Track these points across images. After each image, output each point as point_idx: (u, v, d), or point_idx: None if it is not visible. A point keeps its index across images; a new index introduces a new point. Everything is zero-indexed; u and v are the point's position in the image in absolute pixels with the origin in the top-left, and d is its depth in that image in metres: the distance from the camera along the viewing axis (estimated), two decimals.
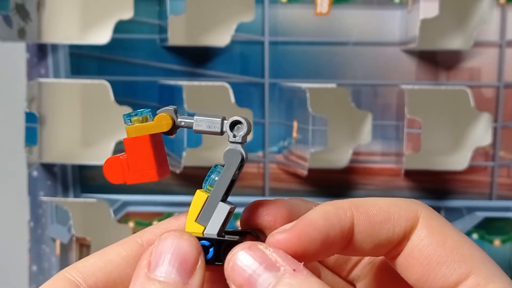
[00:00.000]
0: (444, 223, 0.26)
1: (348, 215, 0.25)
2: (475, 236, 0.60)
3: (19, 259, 0.64)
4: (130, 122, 0.27)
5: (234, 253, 0.24)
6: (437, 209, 0.57)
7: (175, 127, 0.27)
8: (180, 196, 0.60)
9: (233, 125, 0.26)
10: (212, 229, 0.26)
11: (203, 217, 0.26)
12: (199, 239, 0.26)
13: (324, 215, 0.25)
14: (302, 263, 0.24)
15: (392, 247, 0.26)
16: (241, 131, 0.26)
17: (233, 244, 0.25)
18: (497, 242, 0.60)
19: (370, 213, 0.26)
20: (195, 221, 0.26)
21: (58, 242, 0.62)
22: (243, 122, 0.26)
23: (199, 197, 0.26)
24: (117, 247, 0.27)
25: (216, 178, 0.26)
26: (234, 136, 0.26)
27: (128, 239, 0.27)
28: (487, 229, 0.60)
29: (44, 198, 0.61)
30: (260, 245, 0.24)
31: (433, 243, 0.25)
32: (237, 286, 0.24)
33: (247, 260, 0.24)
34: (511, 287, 0.25)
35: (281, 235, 0.24)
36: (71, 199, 0.61)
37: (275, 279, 0.23)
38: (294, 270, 0.23)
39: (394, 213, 0.26)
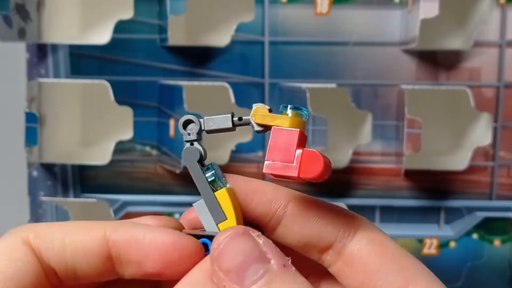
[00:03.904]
0: (384, 236, 0.26)
1: (287, 196, 0.26)
2: (475, 236, 0.60)
3: None
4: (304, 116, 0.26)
5: (226, 236, 0.24)
6: (437, 209, 0.57)
7: None
8: (180, 196, 0.60)
9: (186, 124, 0.27)
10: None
11: (216, 214, 0.26)
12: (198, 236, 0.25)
13: (264, 183, 0.26)
14: (289, 258, 0.24)
15: (323, 246, 0.26)
16: (194, 129, 0.27)
17: None
18: (497, 242, 0.60)
19: (309, 204, 0.26)
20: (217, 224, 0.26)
21: None
22: (195, 121, 0.27)
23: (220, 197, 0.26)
24: (82, 232, 0.25)
25: (208, 175, 0.27)
26: (189, 134, 0.27)
27: (96, 227, 0.25)
28: (487, 229, 0.60)
29: (44, 198, 0.61)
30: (252, 232, 0.24)
31: (373, 252, 0.25)
32: (223, 271, 0.23)
33: (239, 246, 0.23)
34: None
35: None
36: (71, 199, 0.61)
37: (265, 272, 0.23)
38: (284, 265, 0.23)
39: (333, 215, 0.26)
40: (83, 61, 0.60)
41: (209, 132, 0.27)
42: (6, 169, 0.67)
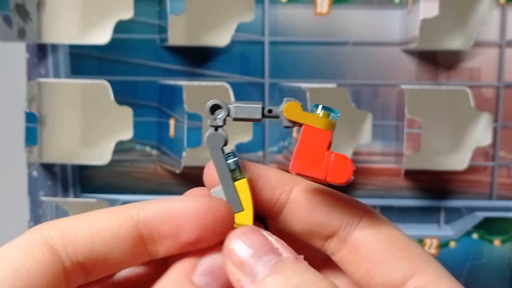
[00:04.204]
0: (390, 225, 0.26)
1: (291, 182, 0.26)
2: (475, 236, 0.60)
3: None
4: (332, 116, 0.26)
5: (238, 231, 0.24)
6: (437, 209, 0.57)
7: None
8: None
9: (214, 108, 0.26)
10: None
11: (233, 204, 0.26)
12: None
13: (268, 169, 0.26)
14: (302, 256, 0.24)
15: (327, 234, 0.26)
16: (221, 113, 0.26)
17: None
18: (497, 242, 0.60)
19: (314, 191, 0.26)
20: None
21: None
22: (223, 106, 0.26)
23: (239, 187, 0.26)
24: (108, 218, 0.24)
25: (230, 163, 0.26)
26: (215, 119, 0.26)
27: (121, 211, 0.24)
28: (487, 229, 0.60)
29: (44, 198, 0.61)
30: (263, 231, 0.24)
31: (379, 241, 0.25)
32: (235, 264, 0.23)
33: (251, 241, 0.23)
34: (457, 286, 0.24)
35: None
36: (71, 199, 0.61)
37: (278, 262, 0.23)
38: (296, 258, 0.23)
39: (338, 203, 0.26)
40: (83, 61, 0.60)
41: (235, 119, 0.26)
42: (6, 169, 0.67)
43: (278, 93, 0.60)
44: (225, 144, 0.26)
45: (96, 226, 0.24)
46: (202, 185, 0.27)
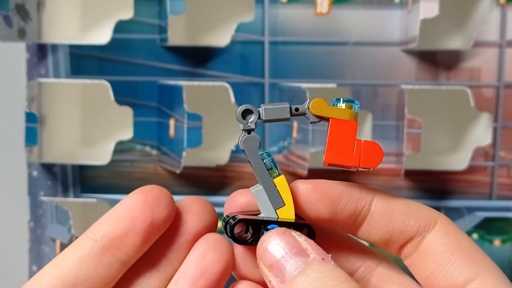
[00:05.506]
0: (460, 231, 0.27)
1: (370, 193, 0.27)
2: (475, 236, 0.60)
3: (19, 259, 0.64)
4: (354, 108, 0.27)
5: (269, 235, 0.25)
6: (437, 209, 0.57)
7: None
8: (180, 196, 0.60)
9: (245, 113, 0.27)
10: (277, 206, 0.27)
11: (275, 201, 0.27)
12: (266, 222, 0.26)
13: (347, 184, 0.27)
14: (330, 254, 0.25)
15: (404, 241, 0.27)
16: (252, 117, 0.27)
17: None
18: (497, 242, 0.60)
19: (391, 200, 0.27)
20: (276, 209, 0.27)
21: (58, 242, 0.62)
22: (254, 110, 0.27)
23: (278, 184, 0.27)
24: (69, 250, 0.27)
25: (266, 162, 0.27)
26: (248, 123, 0.27)
27: (80, 238, 0.27)
28: (487, 229, 0.60)
29: (44, 198, 0.61)
30: (293, 232, 0.26)
31: (447, 244, 0.27)
32: (266, 266, 0.25)
33: (280, 243, 0.25)
34: None
35: (302, 185, 0.27)
36: (71, 199, 0.61)
37: (304, 264, 0.24)
38: (322, 259, 0.24)
39: (414, 210, 0.27)
40: (83, 61, 0.60)
41: (265, 121, 0.27)
42: (6, 169, 0.67)
43: (278, 93, 0.60)
44: (259, 145, 0.27)
45: (60, 262, 0.26)
46: (202, 185, 0.27)
